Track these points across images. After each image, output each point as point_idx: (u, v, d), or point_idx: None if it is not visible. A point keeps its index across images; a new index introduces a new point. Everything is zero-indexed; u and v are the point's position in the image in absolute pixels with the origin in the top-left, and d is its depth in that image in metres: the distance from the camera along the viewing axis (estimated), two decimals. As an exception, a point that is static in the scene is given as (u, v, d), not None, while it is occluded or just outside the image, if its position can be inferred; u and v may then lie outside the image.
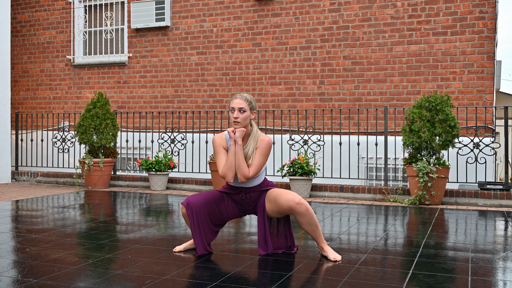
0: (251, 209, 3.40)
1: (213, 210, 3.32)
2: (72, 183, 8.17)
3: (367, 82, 7.75)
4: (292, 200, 3.18)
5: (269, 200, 3.29)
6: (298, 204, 3.17)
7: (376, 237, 4.07)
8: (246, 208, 3.39)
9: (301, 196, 3.23)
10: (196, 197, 3.32)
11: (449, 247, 3.71)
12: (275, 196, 3.26)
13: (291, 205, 3.18)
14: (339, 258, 3.24)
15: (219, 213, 3.34)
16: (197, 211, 3.27)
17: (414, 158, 6.16)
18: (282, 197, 3.22)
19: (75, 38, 9.60)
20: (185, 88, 8.81)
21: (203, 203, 3.29)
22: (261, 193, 3.36)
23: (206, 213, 3.29)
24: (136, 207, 5.81)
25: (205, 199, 3.31)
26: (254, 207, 3.38)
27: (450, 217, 5.20)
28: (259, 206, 3.31)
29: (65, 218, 4.91)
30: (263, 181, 3.37)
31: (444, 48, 7.38)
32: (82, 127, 7.63)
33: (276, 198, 3.25)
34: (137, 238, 3.97)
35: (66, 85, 9.69)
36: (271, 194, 3.30)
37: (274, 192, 3.29)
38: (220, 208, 3.35)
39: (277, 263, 3.17)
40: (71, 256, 3.33)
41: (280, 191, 3.27)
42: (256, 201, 3.36)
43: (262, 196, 3.35)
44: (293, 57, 8.16)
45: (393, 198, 6.34)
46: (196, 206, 3.27)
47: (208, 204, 3.31)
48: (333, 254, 3.26)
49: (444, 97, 6.13)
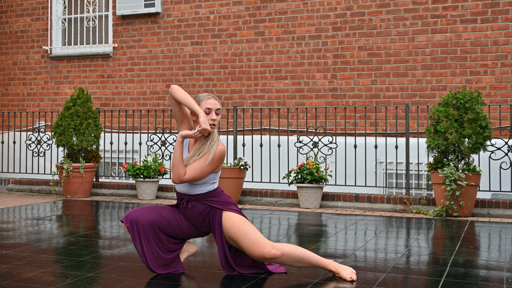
0: (204, 227, 3.33)
1: (161, 223, 3.30)
2: (48, 191, 8.16)
3: (386, 76, 7.73)
4: (262, 256, 3.15)
5: (229, 237, 3.23)
6: (271, 258, 3.14)
7: (396, 253, 4.05)
8: (196, 224, 3.33)
9: (268, 242, 3.12)
10: (139, 209, 3.35)
11: (481, 266, 3.69)
12: (236, 241, 3.20)
13: (263, 260, 3.18)
14: (354, 276, 3.22)
15: (170, 226, 3.31)
16: (138, 224, 3.27)
17: (440, 163, 6.13)
18: (248, 251, 3.18)
19: (52, 26, 9.61)
20: (178, 83, 8.80)
21: (145, 214, 3.30)
22: (209, 209, 3.28)
23: (152, 226, 3.28)
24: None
25: (148, 210, 3.33)
26: (207, 224, 3.32)
27: (481, 231, 5.18)
28: (216, 233, 3.25)
29: (40, 232, 4.89)
30: (210, 191, 3.29)
31: (473, 37, 7.36)
32: (60, 128, 7.63)
33: (239, 244, 3.21)
34: (123, 254, 3.95)
35: (42, 79, 9.69)
36: (228, 231, 3.22)
37: (232, 233, 3.20)
38: (171, 220, 3.32)
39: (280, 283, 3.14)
40: (47, 275, 3.32)
41: (238, 235, 3.18)
42: (204, 216, 3.29)
43: (214, 214, 3.27)
44: (301, 47, 8.14)
45: (416, 209, 6.31)
46: (136, 218, 3.28)
47: (153, 216, 3.30)
48: (345, 272, 3.23)
49: (474, 93, 6.11)
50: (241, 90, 8.45)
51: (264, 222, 5.60)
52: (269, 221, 5.68)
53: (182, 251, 3.49)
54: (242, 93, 8.43)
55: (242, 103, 8.42)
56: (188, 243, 3.53)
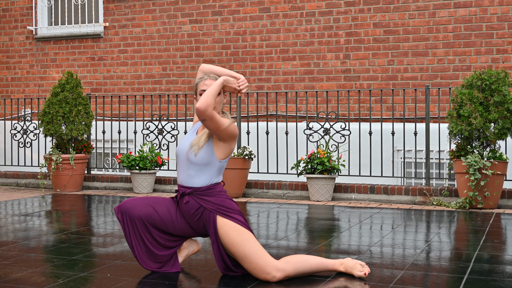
0: (200, 228, 3.33)
1: (153, 219, 3.32)
2: (36, 185, 8.22)
3: (404, 56, 7.72)
4: (263, 278, 3.16)
5: (226, 247, 3.22)
6: (273, 279, 3.15)
7: (415, 249, 4.08)
8: (191, 223, 3.33)
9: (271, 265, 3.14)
10: (134, 200, 3.39)
11: (508, 261, 3.71)
12: (236, 258, 3.21)
13: (265, 281, 3.17)
14: (367, 269, 3.25)
15: (162, 223, 3.33)
16: (128, 216, 3.32)
17: (463, 150, 6.14)
18: (250, 272, 3.19)
19: (37, 4, 9.62)
20: (175, 65, 8.82)
21: (138, 207, 3.33)
22: (202, 209, 3.26)
23: (142, 220, 3.31)
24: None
25: (142, 202, 3.36)
26: (202, 227, 3.32)
27: (508, 224, 5.20)
28: (211, 239, 3.24)
29: (29, 229, 4.94)
30: (208, 186, 3.28)
31: (500, 12, 7.33)
32: (47, 116, 7.67)
33: (239, 262, 3.22)
34: (118, 252, 3.99)
35: (27, 63, 9.72)
36: (225, 245, 3.20)
37: (229, 248, 3.19)
38: (164, 216, 3.33)
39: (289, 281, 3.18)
40: (37, 275, 3.36)
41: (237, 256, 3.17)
42: (198, 216, 3.28)
43: (208, 217, 3.26)
44: (310, 25, 8.13)
45: (436, 201, 6.33)
46: (127, 210, 3.33)
47: (145, 210, 3.32)
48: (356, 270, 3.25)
49: (501, 73, 6.10)
50: (244, 72, 8.45)
51: (271, 216, 5.63)
52: (276, 215, 5.72)
53: (182, 248, 3.49)
54: (246, 75, 8.43)
55: (246, 87, 8.42)
56: (191, 241, 3.53)
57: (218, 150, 3.29)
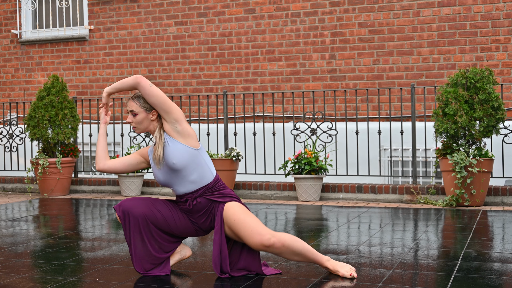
0: (207, 225, 3.37)
1: (156, 218, 3.34)
2: (23, 190, 8.17)
3: (389, 55, 7.75)
4: (260, 244, 3.19)
5: (228, 226, 3.28)
6: (269, 246, 3.18)
7: (403, 248, 4.09)
8: (199, 222, 3.36)
9: (268, 230, 3.22)
10: (134, 199, 3.40)
11: (495, 259, 3.74)
12: (235, 229, 3.24)
13: (261, 248, 3.21)
14: (354, 273, 3.26)
15: (165, 222, 3.35)
16: (130, 215, 3.32)
17: (449, 148, 6.18)
18: (246, 238, 3.22)
19: (21, 7, 9.56)
20: (161, 67, 8.80)
21: (139, 205, 3.34)
22: (211, 203, 3.32)
23: (146, 219, 3.33)
24: (104, 217, 5.81)
25: (143, 201, 3.37)
26: (209, 222, 3.36)
27: (495, 221, 5.23)
28: (216, 227, 3.29)
29: (16, 234, 4.91)
30: (209, 183, 3.32)
31: (484, 10, 7.38)
32: (33, 120, 7.63)
33: (237, 232, 3.25)
34: (107, 256, 3.98)
35: (12, 67, 9.65)
36: (228, 219, 3.26)
37: (231, 221, 3.24)
38: (166, 216, 3.35)
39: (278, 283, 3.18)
40: (25, 281, 3.34)
41: (237, 223, 3.22)
42: (208, 213, 3.33)
43: (216, 209, 3.31)
44: (295, 25, 8.15)
45: (423, 199, 6.37)
46: (129, 209, 3.33)
47: (148, 209, 3.34)
48: (343, 269, 3.27)
49: (485, 71, 6.13)
50: (231, 73, 8.45)
51: (259, 217, 5.63)
52: (265, 215, 5.72)
53: (174, 253, 3.51)
54: (233, 77, 8.44)
55: (232, 88, 8.43)
56: (183, 246, 3.56)
57: (180, 138, 3.27)
